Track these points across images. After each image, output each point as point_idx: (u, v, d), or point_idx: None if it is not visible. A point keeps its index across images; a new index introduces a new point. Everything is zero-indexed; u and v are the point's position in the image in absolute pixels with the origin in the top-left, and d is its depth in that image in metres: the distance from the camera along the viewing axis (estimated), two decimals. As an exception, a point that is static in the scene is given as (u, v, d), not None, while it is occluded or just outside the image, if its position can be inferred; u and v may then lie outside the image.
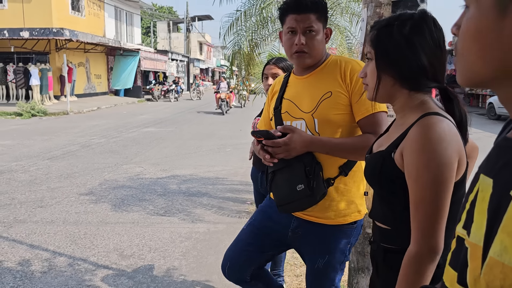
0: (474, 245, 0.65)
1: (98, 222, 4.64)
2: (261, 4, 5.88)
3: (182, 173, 6.97)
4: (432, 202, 1.13)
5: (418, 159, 1.14)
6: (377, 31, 1.26)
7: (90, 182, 6.32)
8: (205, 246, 4.03)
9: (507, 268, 0.57)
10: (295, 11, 1.75)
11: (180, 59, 36.98)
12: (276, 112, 1.90)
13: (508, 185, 0.61)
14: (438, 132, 1.13)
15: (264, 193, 2.84)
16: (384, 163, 1.25)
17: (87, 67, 23.04)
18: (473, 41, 0.63)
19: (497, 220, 0.60)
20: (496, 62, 0.60)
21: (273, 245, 1.98)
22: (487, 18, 0.60)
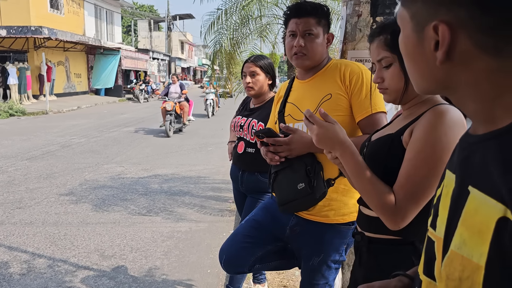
0: (439, 239, 0.68)
1: (79, 222, 4.58)
2: (242, 2, 5.88)
3: (164, 172, 6.93)
4: (424, 178, 1.15)
5: (427, 136, 1.16)
6: (393, 35, 1.24)
7: (70, 182, 6.23)
8: (187, 245, 4.02)
9: (465, 261, 0.59)
10: (295, 15, 1.84)
11: (161, 58, 36.71)
12: (280, 115, 1.97)
13: (467, 179, 0.63)
14: (451, 118, 1.16)
15: (244, 191, 2.84)
16: (392, 144, 1.26)
17: (66, 66, 22.67)
18: (409, 61, 0.71)
19: (457, 214, 0.63)
20: (430, 78, 0.68)
21: (270, 240, 2.02)
22: (412, 43, 0.68)
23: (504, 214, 0.53)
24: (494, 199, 0.56)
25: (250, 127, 2.75)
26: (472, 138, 0.67)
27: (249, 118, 2.80)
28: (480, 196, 0.59)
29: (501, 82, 0.60)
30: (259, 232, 2.02)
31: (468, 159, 0.66)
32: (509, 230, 0.53)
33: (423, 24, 0.64)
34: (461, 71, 0.63)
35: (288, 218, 1.94)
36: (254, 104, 2.89)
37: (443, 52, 0.62)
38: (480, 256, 0.56)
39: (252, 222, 2.06)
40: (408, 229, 1.22)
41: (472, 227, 0.59)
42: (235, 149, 2.90)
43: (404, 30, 0.70)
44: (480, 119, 0.65)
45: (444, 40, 0.61)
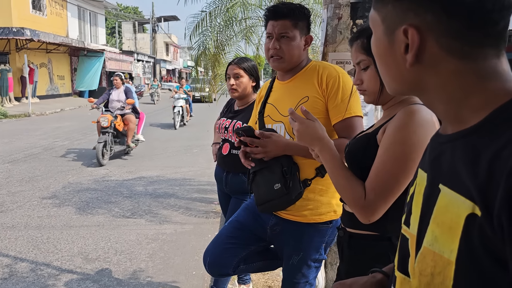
0: (413, 236, 0.70)
1: (62, 226, 4.53)
2: (226, 4, 5.90)
3: (149, 175, 6.90)
4: (392, 174, 1.19)
5: (396, 133, 1.20)
6: (368, 40, 1.28)
7: (53, 185, 6.16)
8: (172, 247, 4.01)
9: (437, 256, 0.62)
10: (272, 17, 1.87)
11: (146, 60, 36.49)
12: (260, 115, 2.00)
13: (438, 178, 0.66)
14: (421, 117, 1.20)
15: (229, 192, 2.85)
16: (368, 143, 1.30)
17: (49, 67, 22.38)
18: (381, 63, 0.73)
19: (429, 212, 0.65)
20: (401, 80, 0.70)
21: (254, 240, 2.04)
22: (383, 46, 0.70)
23: (473, 210, 0.55)
24: (463, 197, 0.58)
25: (234, 133, 2.77)
26: (442, 138, 0.69)
27: (234, 120, 2.81)
28: (450, 193, 0.61)
29: (468, 84, 0.63)
30: (242, 232, 2.03)
31: (438, 158, 0.68)
32: (477, 226, 0.55)
33: (393, 28, 0.66)
34: (429, 73, 0.65)
35: (268, 218, 1.97)
36: (239, 106, 2.90)
37: (413, 55, 0.63)
38: (451, 252, 0.58)
39: (235, 223, 2.07)
40: (385, 225, 1.26)
41: (443, 224, 0.61)
42: (219, 150, 2.90)
43: (376, 33, 0.71)
44: (449, 119, 0.67)
45: (414, 44, 0.63)
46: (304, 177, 1.82)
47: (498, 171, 0.53)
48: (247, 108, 2.82)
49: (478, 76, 0.63)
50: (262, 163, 1.84)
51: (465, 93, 0.63)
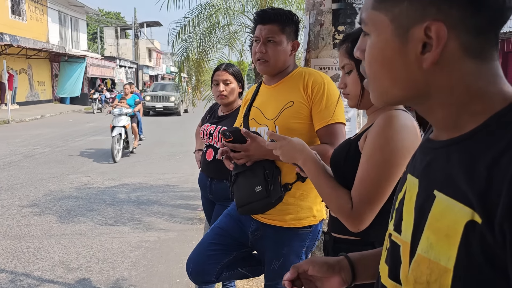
0: (405, 243, 0.68)
1: (42, 234, 4.44)
2: (209, 11, 5.90)
3: (132, 182, 6.82)
4: (375, 182, 1.19)
5: (376, 140, 1.21)
6: (353, 44, 1.30)
7: (33, 193, 6.04)
8: (156, 255, 3.97)
9: (433, 264, 0.60)
10: (260, 21, 1.89)
11: (128, 65, 36.20)
12: (244, 118, 2.01)
13: (432, 184, 0.64)
14: (399, 123, 1.21)
15: (213, 199, 2.83)
16: (350, 149, 1.32)
17: (29, 73, 22.02)
18: (382, 68, 0.67)
19: (423, 218, 0.64)
20: (407, 84, 0.66)
21: (236, 246, 2.04)
22: (391, 47, 0.65)
23: (472, 217, 0.54)
24: (461, 203, 0.57)
25: (220, 135, 2.75)
26: (435, 143, 0.68)
27: (219, 125, 2.79)
28: (446, 200, 0.59)
29: (474, 87, 0.61)
30: (224, 239, 2.03)
31: (432, 164, 0.67)
32: (477, 233, 0.54)
33: (407, 26, 0.62)
34: (442, 74, 0.62)
35: (249, 223, 1.97)
36: (223, 112, 2.88)
37: (437, 54, 0.60)
38: (448, 260, 0.57)
39: (217, 229, 2.07)
40: (368, 231, 1.26)
41: (439, 231, 0.60)
42: (203, 156, 2.88)
43: (380, 36, 0.66)
44: (445, 125, 0.66)
45: (441, 40, 0.59)
46: (285, 181, 1.83)
47: (498, 178, 0.53)
48: (232, 114, 2.81)
49: (486, 79, 0.62)
50: (244, 165, 1.84)
51: (469, 97, 0.62)
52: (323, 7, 2.39)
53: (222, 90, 2.74)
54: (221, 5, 5.78)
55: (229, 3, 5.87)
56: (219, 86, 2.76)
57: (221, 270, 2.04)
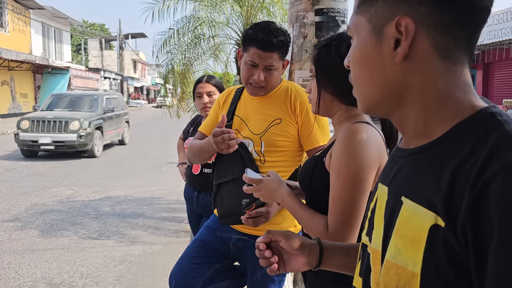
0: (375, 250, 0.70)
1: (24, 249, 4.35)
2: (194, 23, 5.92)
3: (116, 194, 6.74)
4: (347, 199, 1.19)
5: (341, 157, 1.21)
6: (318, 50, 1.35)
7: (15, 207, 5.93)
8: (141, 269, 3.92)
9: (401, 269, 0.61)
10: (260, 47, 1.76)
11: (113, 77, 36.01)
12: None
13: (399, 191, 0.66)
14: (361, 136, 1.21)
15: (200, 212, 2.81)
16: (315, 166, 1.32)
17: (11, 85, 21.72)
18: (361, 68, 0.70)
19: (391, 225, 0.65)
20: (384, 83, 0.67)
21: (218, 258, 2.02)
22: (369, 46, 0.68)
23: (435, 221, 0.56)
24: (425, 208, 0.58)
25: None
26: (404, 151, 0.70)
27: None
28: (412, 206, 0.61)
29: (443, 90, 0.63)
30: (206, 251, 2.01)
31: (400, 171, 0.68)
32: (440, 237, 0.55)
33: (382, 24, 0.65)
34: (414, 72, 0.64)
35: (230, 234, 1.95)
36: None
37: (406, 46, 0.62)
38: (415, 264, 0.59)
39: (198, 242, 2.04)
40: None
41: (405, 237, 0.61)
42: (189, 170, 2.84)
43: (360, 36, 0.69)
44: (415, 132, 0.67)
45: (409, 33, 0.61)
46: None
47: (461, 181, 0.54)
48: None
49: (456, 83, 0.63)
50: (228, 175, 1.82)
51: (439, 100, 0.64)
52: (306, 19, 2.42)
53: (206, 102, 2.71)
54: (205, 17, 5.81)
55: (213, 16, 5.91)
56: (203, 98, 2.73)
57: (205, 284, 2.01)
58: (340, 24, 2.40)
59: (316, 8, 2.40)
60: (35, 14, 23.80)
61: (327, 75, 1.32)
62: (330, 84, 1.32)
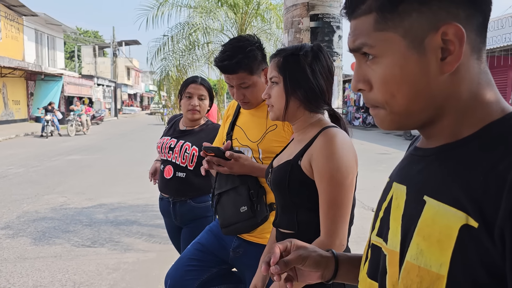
0: (392, 252, 0.67)
1: (16, 258, 4.29)
2: (188, 29, 5.92)
3: (110, 202, 6.68)
4: (343, 201, 1.28)
5: (330, 163, 1.28)
6: (284, 59, 1.40)
7: (6, 215, 5.85)
8: (135, 277, 3.87)
9: (423, 271, 0.59)
10: (224, 72, 1.85)
11: (106, 84, 35.92)
12: (228, 137, 2.00)
13: (422, 190, 0.64)
14: (341, 140, 1.30)
15: (180, 224, 2.67)
16: (292, 170, 1.36)
17: (4, 92, 21.59)
18: (400, 86, 0.65)
19: (412, 225, 0.62)
20: (427, 97, 0.64)
21: (215, 262, 2.01)
22: (411, 61, 0.63)
23: (466, 221, 0.54)
24: (454, 208, 0.56)
25: (182, 150, 2.55)
26: (426, 151, 0.68)
27: (181, 140, 2.60)
28: (437, 205, 0.59)
29: (477, 92, 0.62)
30: (204, 254, 2.01)
31: (422, 171, 0.66)
32: (473, 237, 0.53)
33: (422, 37, 0.61)
34: (457, 79, 0.62)
35: (231, 240, 1.95)
36: (186, 126, 2.68)
37: (460, 53, 0.60)
38: (440, 266, 0.56)
39: (197, 245, 2.05)
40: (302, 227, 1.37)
41: (429, 237, 0.58)
42: (161, 176, 2.67)
43: (394, 54, 0.64)
44: (440, 133, 0.65)
45: (461, 39, 0.59)
46: (270, 201, 1.81)
47: (496, 183, 0.53)
48: (195, 130, 2.64)
49: (484, 84, 0.63)
50: (228, 184, 1.84)
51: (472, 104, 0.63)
52: (301, 25, 2.42)
53: (196, 105, 2.56)
54: (200, 23, 5.81)
55: (208, 22, 5.91)
56: (193, 100, 2.56)
57: (200, 286, 2.01)
58: (335, 30, 2.40)
59: (311, 14, 2.40)
60: (28, 20, 23.73)
61: (296, 82, 1.38)
62: (298, 91, 1.39)
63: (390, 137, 17.13)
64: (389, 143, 14.71)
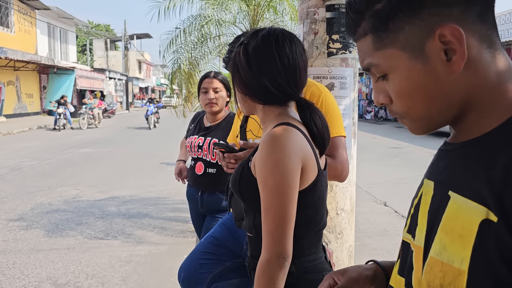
0: (418, 247, 0.67)
1: (29, 249, 4.32)
2: (200, 21, 5.88)
3: (122, 194, 6.71)
4: (277, 208, 1.17)
5: (264, 166, 1.18)
6: (236, 49, 1.34)
7: (20, 207, 5.91)
8: (147, 269, 3.87)
9: (446, 266, 0.58)
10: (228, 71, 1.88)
11: (118, 77, 36.11)
12: (242, 129, 1.97)
13: (447, 185, 0.63)
14: (282, 141, 1.18)
15: (205, 212, 2.74)
16: (243, 171, 1.29)
17: (17, 86, 21.81)
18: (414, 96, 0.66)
19: (437, 220, 0.62)
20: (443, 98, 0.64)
21: (229, 256, 2.00)
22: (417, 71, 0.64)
23: (487, 216, 0.53)
24: (475, 202, 0.55)
25: (211, 147, 2.64)
26: (453, 146, 0.68)
27: (208, 137, 2.68)
28: (460, 200, 0.58)
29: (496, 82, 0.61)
30: (217, 248, 2.00)
31: (448, 165, 0.66)
32: (492, 232, 0.52)
33: (420, 45, 0.62)
34: (470, 73, 0.62)
35: (244, 234, 1.93)
36: (210, 122, 2.77)
37: (463, 51, 0.59)
38: (462, 261, 0.56)
39: (211, 238, 2.04)
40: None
41: (452, 232, 0.58)
42: (192, 170, 2.77)
43: (399, 69, 0.65)
44: (467, 128, 0.65)
45: (461, 37, 0.59)
46: None
47: None
48: (219, 124, 2.72)
49: (503, 73, 0.61)
50: None
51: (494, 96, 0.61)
52: (317, 16, 2.37)
53: (212, 98, 2.63)
54: (212, 16, 5.76)
55: (220, 14, 5.86)
56: (209, 94, 2.64)
57: (213, 280, 2.01)
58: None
59: (327, 4, 2.35)
60: (41, 14, 23.90)
61: (235, 73, 1.31)
62: (240, 84, 1.31)
63: (402, 131, 16.94)
64: (401, 137, 14.55)
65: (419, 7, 0.61)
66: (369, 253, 4.21)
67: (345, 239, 2.67)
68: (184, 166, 2.99)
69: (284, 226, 1.16)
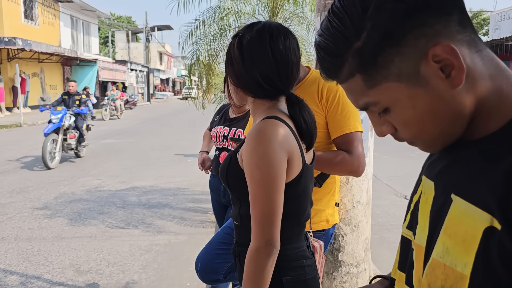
0: (418, 246, 0.67)
1: (53, 237, 4.46)
2: (219, 13, 5.89)
3: (142, 185, 6.83)
4: (264, 198, 1.19)
5: (251, 159, 1.21)
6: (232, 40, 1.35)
7: (44, 196, 6.08)
8: (166, 259, 3.95)
9: (448, 269, 0.58)
10: None
11: (139, 69, 36.47)
12: None
13: (449, 188, 0.62)
14: (268, 134, 1.20)
15: (227, 203, 2.79)
16: (231, 162, 1.32)
17: (41, 77, 22.28)
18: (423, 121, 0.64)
19: (439, 222, 0.62)
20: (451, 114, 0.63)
21: None
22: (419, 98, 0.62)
23: (491, 223, 0.52)
24: (479, 209, 0.55)
25: (231, 141, 2.69)
26: (456, 147, 0.66)
27: (233, 127, 2.73)
28: (464, 204, 0.58)
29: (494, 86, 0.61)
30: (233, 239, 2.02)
31: (449, 167, 0.65)
32: (496, 240, 0.52)
33: (416, 71, 0.60)
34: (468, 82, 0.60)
35: None
36: (236, 114, 2.82)
37: (461, 64, 0.58)
38: (465, 266, 0.56)
39: (227, 229, 2.06)
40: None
41: (455, 236, 0.58)
42: (216, 160, 2.82)
43: (401, 100, 0.63)
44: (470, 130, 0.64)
45: (453, 53, 0.58)
46: None
47: None
48: (245, 116, 2.76)
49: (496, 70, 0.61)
50: None
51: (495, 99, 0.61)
52: (335, 7, 2.35)
53: None
54: (231, 7, 5.77)
55: (239, 6, 5.86)
56: None
57: (230, 270, 2.04)
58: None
59: (345, -4, 2.33)
60: (64, 7, 24.28)
61: (231, 66, 1.32)
62: (233, 75, 1.32)
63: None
64: (423, 130, 14.31)
65: (402, 35, 0.59)
66: (388, 246, 4.20)
67: (361, 231, 2.67)
68: (207, 156, 3.05)
69: (271, 215, 1.20)
